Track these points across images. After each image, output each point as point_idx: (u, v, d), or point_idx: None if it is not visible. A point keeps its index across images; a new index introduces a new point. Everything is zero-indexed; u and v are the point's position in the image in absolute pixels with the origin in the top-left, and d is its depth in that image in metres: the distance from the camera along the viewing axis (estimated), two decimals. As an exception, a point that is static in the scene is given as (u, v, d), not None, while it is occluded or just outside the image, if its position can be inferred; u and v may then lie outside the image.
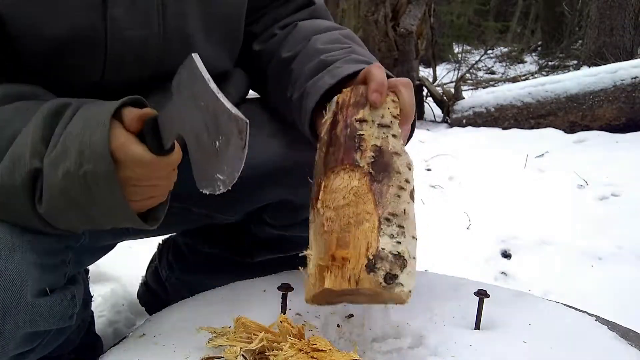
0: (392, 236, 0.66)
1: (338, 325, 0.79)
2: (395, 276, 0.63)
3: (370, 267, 0.63)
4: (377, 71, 0.75)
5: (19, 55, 0.72)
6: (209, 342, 0.71)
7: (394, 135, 0.73)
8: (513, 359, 0.69)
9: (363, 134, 0.72)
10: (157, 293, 1.33)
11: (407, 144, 0.79)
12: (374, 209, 0.67)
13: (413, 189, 0.71)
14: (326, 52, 0.86)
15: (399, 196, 0.69)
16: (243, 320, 0.71)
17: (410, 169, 0.72)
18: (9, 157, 0.64)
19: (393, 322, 0.79)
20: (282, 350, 0.65)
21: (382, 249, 0.65)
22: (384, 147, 0.71)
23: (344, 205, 0.70)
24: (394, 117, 0.74)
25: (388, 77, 0.78)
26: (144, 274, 1.40)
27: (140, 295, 1.41)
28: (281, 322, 0.69)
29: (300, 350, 0.64)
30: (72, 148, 0.62)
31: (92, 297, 1.09)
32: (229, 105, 0.57)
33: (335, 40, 0.90)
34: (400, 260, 0.65)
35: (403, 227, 0.67)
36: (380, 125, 0.73)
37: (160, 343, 0.75)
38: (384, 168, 0.70)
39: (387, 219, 0.67)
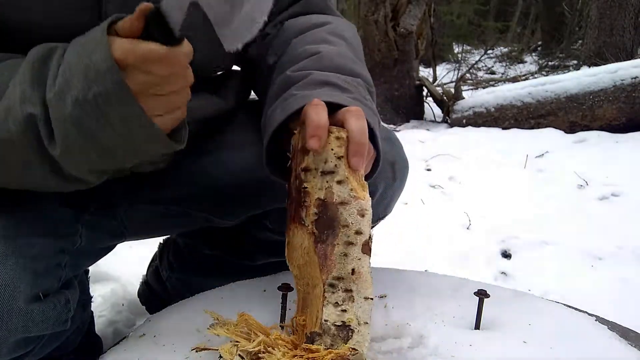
0: (336, 304, 0.63)
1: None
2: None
3: (310, 343, 0.63)
4: (313, 111, 0.65)
5: (14, 49, 0.71)
6: (209, 328, 0.69)
7: (339, 182, 0.65)
8: (513, 359, 0.69)
9: (307, 187, 0.66)
10: (157, 293, 1.33)
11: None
12: (319, 274, 0.64)
13: (369, 238, 0.65)
14: (296, 63, 0.79)
15: (346, 255, 0.64)
16: (246, 317, 0.69)
17: (364, 216, 0.65)
18: (2, 109, 0.59)
19: (393, 322, 0.79)
20: (274, 353, 0.64)
21: (325, 320, 0.63)
22: (328, 200, 0.65)
23: (304, 265, 0.67)
24: (339, 158, 0.65)
25: (336, 106, 0.70)
26: (144, 273, 1.40)
27: (140, 294, 1.41)
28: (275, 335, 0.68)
29: (294, 356, 0.63)
30: (74, 75, 0.56)
31: (91, 297, 1.09)
32: None
33: (315, 41, 0.83)
34: (345, 331, 0.62)
35: (351, 291, 0.63)
36: (324, 173, 0.65)
37: (160, 343, 0.75)
38: (328, 225, 0.64)
39: (332, 285, 0.63)
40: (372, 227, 1.06)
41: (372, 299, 0.65)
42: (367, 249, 0.65)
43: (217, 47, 0.56)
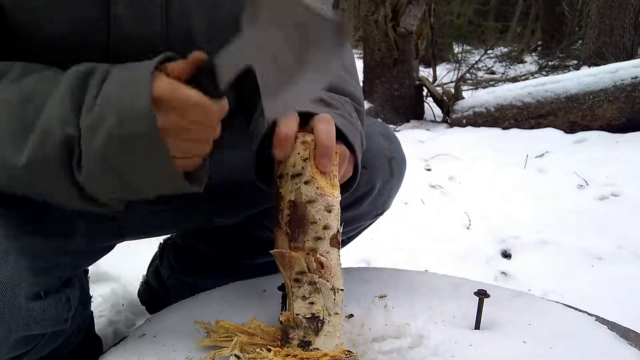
0: (304, 297, 0.67)
1: (338, 325, 0.79)
2: (309, 342, 0.65)
3: (285, 340, 0.67)
4: (282, 123, 0.70)
5: (18, 51, 0.71)
6: (199, 342, 0.72)
7: (306, 182, 0.69)
8: (513, 359, 0.69)
9: (281, 192, 0.70)
10: (157, 293, 1.33)
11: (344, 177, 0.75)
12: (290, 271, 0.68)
13: (337, 232, 0.69)
14: None
15: (314, 249, 0.68)
16: (222, 323, 0.72)
17: (331, 211, 0.69)
18: (38, 131, 0.60)
19: (393, 322, 0.79)
20: (262, 352, 0.66)
21: (297, 314, 0.67)
22: (297, 200, 0.69)
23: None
24: (304, 160, 0.69)
25: (308, 115, 0.73)
26: (144, 273, 1.40)
27: (140, 294, 1.41)
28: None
29: (288, 355, 0.64)
30: (110, 109, 0.58)
31: (91, 297, 1.09)
32: (325, 14, 0.54)
33: None
34: (315, 322, 0.66)
35: (316, 283, 0.67)
36: (293, 176, 0.70)
37: (161, 343, 0.75)
38: (299, 223, 0.68)
39: (296, 280, 0.67)
40: (372, 223, 1.07)
41: (342, 290, 0.69)
42: (335, 242, 0.69)
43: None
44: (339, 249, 0.70)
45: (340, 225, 0.70)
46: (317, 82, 0.58)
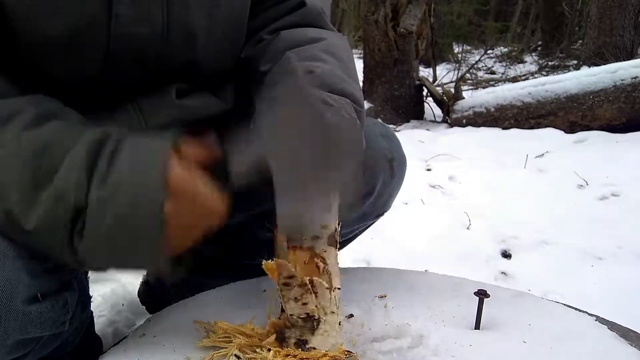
0: (296, 299, 0.66)
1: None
2: (305, 341, 0.65)
3: (281, 339, 0.67)
4: None
5: (18, 49, 0.71)
6: (198, 343, 0.72)
7: None
8: (513, 359, 0.69)
9: None
10: (157, 293, 1.33)
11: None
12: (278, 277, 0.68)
13: (334, 231, 0.69)
14: None
15: (312, 248, 0.67)
16: (220, 324, 0.72)
17: (330, 211, 0.68)
18: (53, 192, 0.60)
19: (393, 322, 0.79)
20: (262, 352, 0.66)
21: (291, 315, 0.66)
22: None
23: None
24: None
25: None
26: (144, 273, 1.40)
27: (140, 294, 1.41)
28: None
29: (287, 355, 0.64)
30: (122, 193, 0.59)
31: (91, 297, 1.09)
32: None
33: (308, 58, 0.85)
34: (310, 321, 0.66)
35: (305, 285, 0.66)
36: None
37: (161, 343, 0.75)
38: None
39: (286, 284, 0.67)
40: (373, 223, 1.07)
41: (339, 288, 0.69)
42: (332, 240, 0.69)
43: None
44: (336, 247, 0.70)
45: (338, 225, 0.70)
46: (330, 194, 0.58)
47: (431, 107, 4.80)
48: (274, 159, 0.59)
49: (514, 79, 6.18)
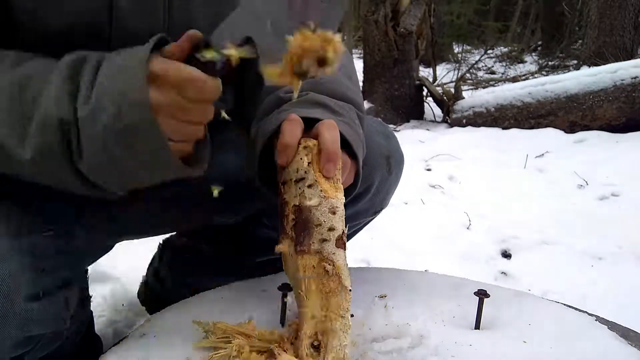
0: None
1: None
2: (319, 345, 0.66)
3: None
4: (287, 128, 0.70)
5: (20, 43, 0.71)
6: (197, 344, 0.72)
7: (309, 186, 0.69)
8: (513, 359, 0.69)
9: (285, 198, 0.71)
10: (157, 293, 1.33)
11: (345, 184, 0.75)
12: None
13: (342, 233, 0.69)
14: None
15: (320, 252, 0.68)
16: (219, 325, 0.72)
17: (335, 213, 0.69)
18: (37, 119, 0.60)
19: (393, 322, 0.79)
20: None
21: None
22: (302, 204, 0.69)
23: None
24: (308, 164, 0.70)
25: (313, 120, 0.73)
26: (144, 273, 1.40)
27: (140, 294, 1.41)
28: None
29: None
30: (107, 100, 0.57)
31: (91, 297, 1.09)
32: None
33: None
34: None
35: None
36: (296, 181, 0.70)
37: (161, 343, 0.75)
38: (304, 227, 0.68)
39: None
40: (371, 220, 1.07)
41: (350, 289, 0.69)
42: (341, 243, 0.69)
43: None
44: (345, 249, 0.70)
45: (345, 227, 0.70)
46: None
47: (431, 107, 4.80)
48: (255, 32, 0.58)
49: (514, 79, 6.18)
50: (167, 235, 1.28)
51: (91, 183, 0.63)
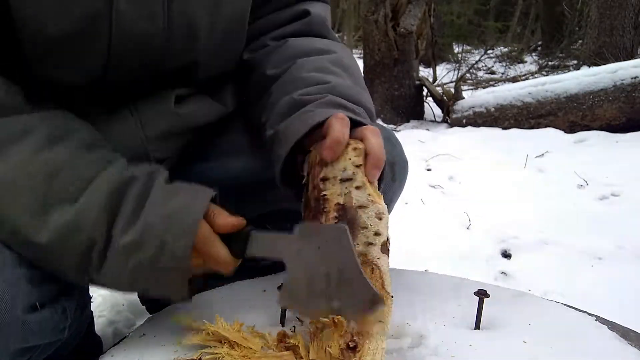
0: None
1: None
2: (355, 347, 0.65)
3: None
4: (338, 124, 0.70)
5: (20, 46, 0.71)
6: (185, 340, 0.71)
7: (357, 187, 0.69)
8: (513, 359, 0.69)
9: (326, 194, 0.70)
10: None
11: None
12: None
13: (387, 239, 0.69)
14: (304, 87, 0.82)
15: (365, 254, 0.68)
16: (209, 325, 0.72)
17: (381, 219, 0.69)
18: (68, 219, 0.64)
19: (393, 322, 0.78)
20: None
21: None
22: (347, 204, 0.69)
23: None
24: (357, 166, 0.70)
25: (358, 123, 0.74)
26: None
27: (140, 294, 1.40)
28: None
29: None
30: (150, 243, 0.64)
31: (91, 297, 1.09)
32: (371, 283, 0.62)
33: (321, 69, 0.86)
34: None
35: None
36: (342, 180, 0.70)
37: (161, 343, 0.74)
38: (349, 227, 0.67)
39: None
40: None
41: (392, 296, 0.68)
42: (385, 249, 0.69)
43: None
44: (388, 255, 0.69)
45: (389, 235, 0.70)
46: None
47: (431, 107, 4.80)
48: (290, 264, 0.67)
49: (514, 79, 6.18)
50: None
51: (95, 284, 0.69)
